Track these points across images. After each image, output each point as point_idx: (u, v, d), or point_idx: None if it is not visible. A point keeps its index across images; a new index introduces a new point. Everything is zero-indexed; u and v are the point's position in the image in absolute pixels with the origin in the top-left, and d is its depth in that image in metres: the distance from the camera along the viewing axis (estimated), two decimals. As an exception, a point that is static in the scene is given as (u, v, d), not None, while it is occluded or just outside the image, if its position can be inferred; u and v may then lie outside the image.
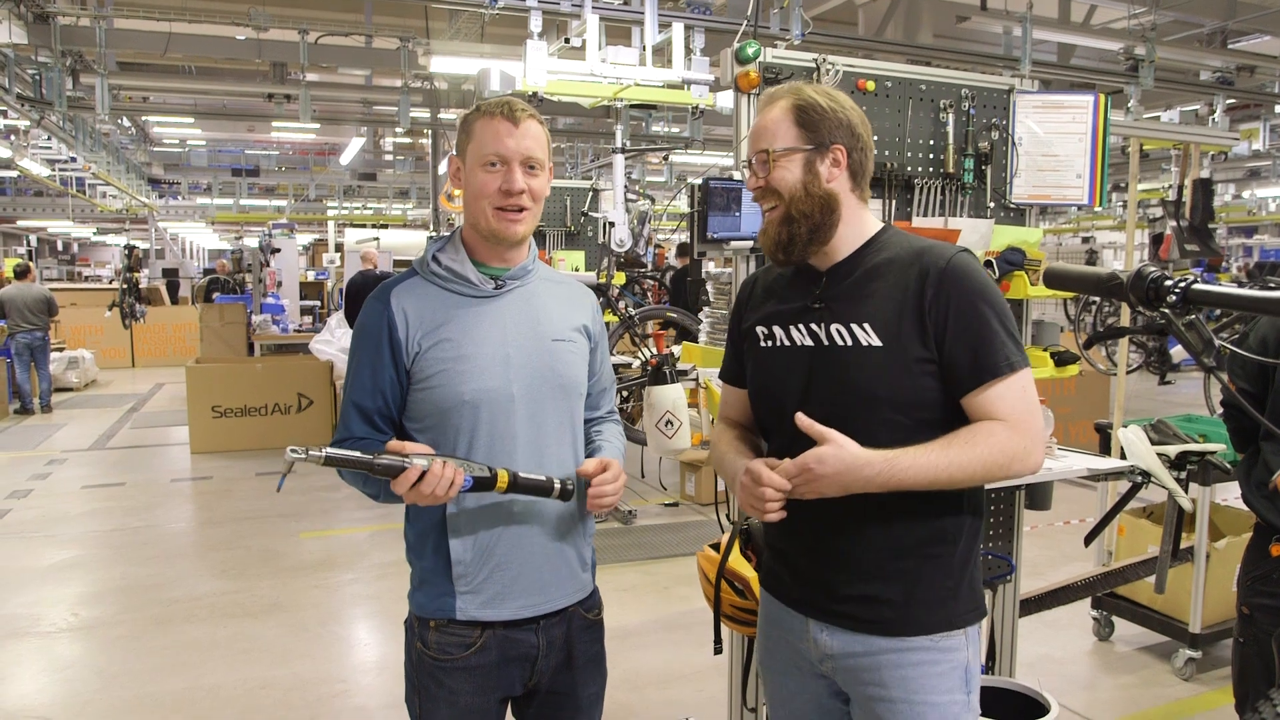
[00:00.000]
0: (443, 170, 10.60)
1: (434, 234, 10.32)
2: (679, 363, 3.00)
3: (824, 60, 2.48)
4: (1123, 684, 3.75)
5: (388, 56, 8.86)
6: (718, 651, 2.00)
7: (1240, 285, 6.85)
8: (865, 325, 1.52)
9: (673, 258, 10.93)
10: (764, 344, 1.66)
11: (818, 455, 1.44)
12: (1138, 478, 2.85)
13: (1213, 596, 3.69)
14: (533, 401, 1.67)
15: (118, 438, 9.01)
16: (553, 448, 1.69)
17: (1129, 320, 4.93)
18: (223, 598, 4.70)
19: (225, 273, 15.80)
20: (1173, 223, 5.62)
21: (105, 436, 9.05)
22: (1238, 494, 2.50)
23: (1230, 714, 2.59)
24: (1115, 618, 4.11)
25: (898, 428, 1.49)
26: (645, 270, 10.04)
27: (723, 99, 6.12)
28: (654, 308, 6.83)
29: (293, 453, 1.41)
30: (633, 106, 6.13)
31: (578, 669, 1.75)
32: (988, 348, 1.48)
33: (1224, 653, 3.77)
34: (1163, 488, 2.90)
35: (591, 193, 6.68)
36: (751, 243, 2.42)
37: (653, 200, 7.91)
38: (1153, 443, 2.98)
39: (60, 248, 34.97)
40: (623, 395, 5.55)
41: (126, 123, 15.13)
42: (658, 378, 2.37)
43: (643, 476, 6.62)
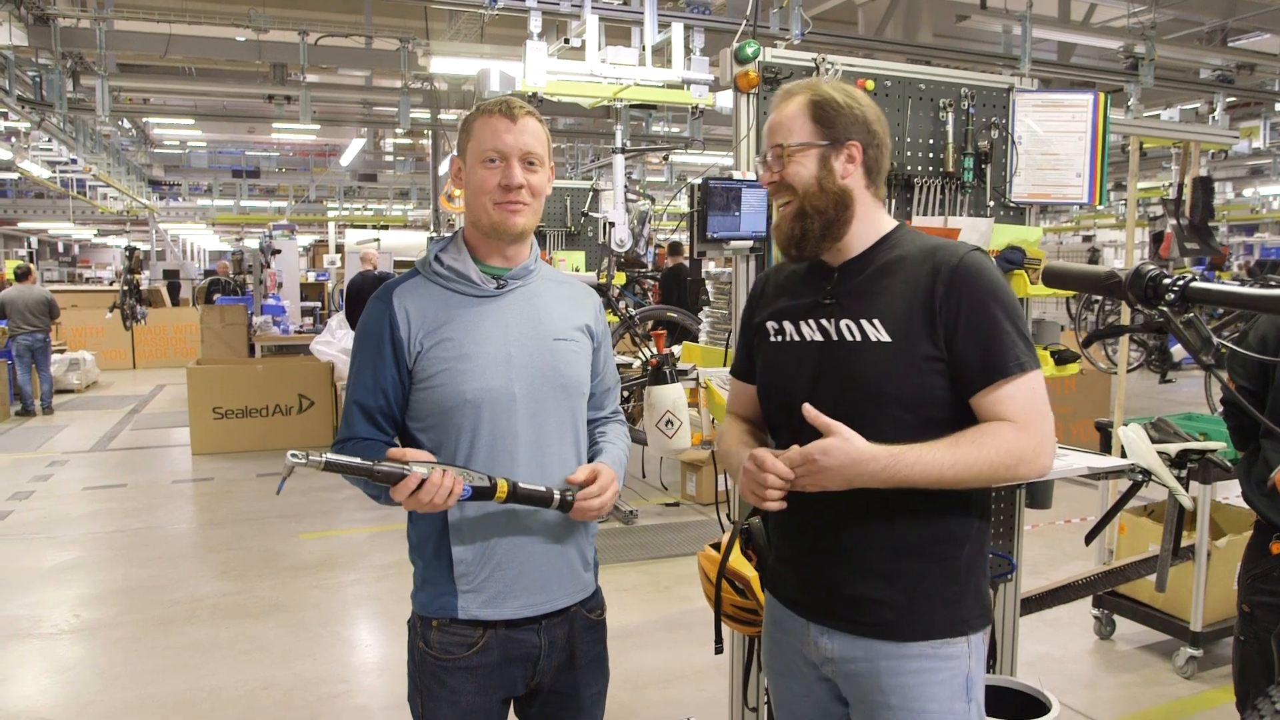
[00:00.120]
0: (443, 171, 10.60)
1: (434, 235, 10.32)
2: (679, 362, 3.00)
3: (823, 60, 2.47)
4: (1124, 682, 3.75)
5: (388, 57, 8.87)
6: (718, 651, 2.00)
7: (1242, 283, 6.85)
8: (875, 321, 1.51)
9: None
10: (774, 339, 1.65)
11: (823, 446, 1.43)
12: (1138, 476, 2.84)
13: (1214, 595, 3.69)
14: (534, 401, 1.67)
15: (119, 439, 9.02)
16: (554, 447, 1.69)
17: (1129, 318, 4.93)
18: (224, 599, 4.71)
19: (226, 274, 15.80)
20: (1173, 221, 5.61)
21: (106, 438, 9.06)
22: (1238, 492, 2.50)
23: (1231, 712, 2.60)
24: (1116, 616, 4.11)
25: (905, 425, 1.48)
26: (645, 270, 10.02)
27: (722, 99, 6.11)
28: (655, 307, 6.82)
29: (294, 457, 1.42)
30: (633, 106, 6.12)
31: (580, 669, 1.75)
32: (998, 347, 1.46)
33: (1225, 651, 3.77)
34: (1163, 486, 2.89)
35: (592, 193, 6.67)
36: (751, 242, 2.41)
37: (653, 200, 7.90)
38: (1153, 441, 2.97)
39: (61, 249, 35.02)
40: (623, 395, 5.54)
41: (127, 124, 15.15)
42: (658, 377, 2.36)
43: (644, 476, 6.62)
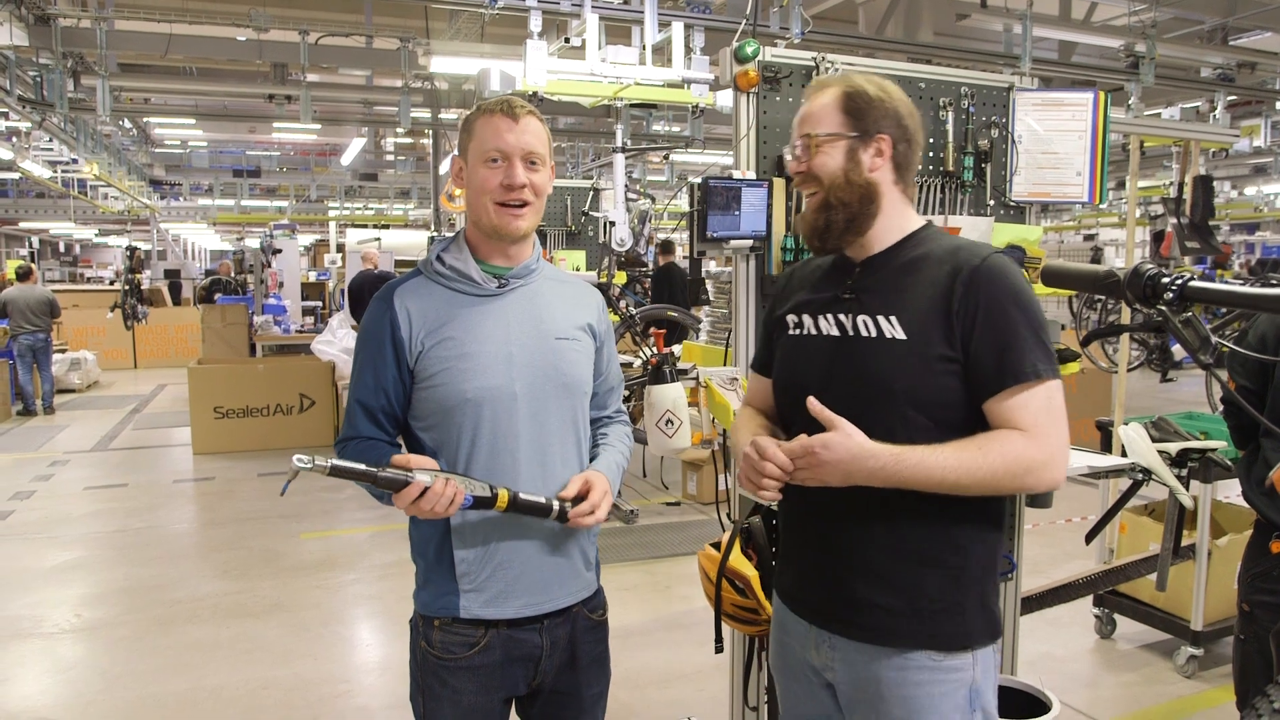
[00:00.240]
0: (444, 170, 10.59)
1: (435, 234, 10.32)
2: (679, 362, 3.00)
3: (823, 59, 2.47)
4: (1125, 681, 3.75)
5: (388, 57, 8.86)
6: (719, 650, 2.00)
7: (1244, 282, 6.84)
8: (892, 318, 1.49)
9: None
10: (792, 331, 1.64)
11: (824, 440, 1.41)
12: (1139, 475, 2.85)
13: (1214, 594, 3.69)
14: (535, 400, 1.67)
15: (120, 439, 9.02)
16: (556, 446, 1.69)
17: (1129, 318, 4.93)
18: (225, 598, 4.71)
19: (227, 274, 15.81)
20: (1173, 220, 5.61)
21: (108, 438, 9.06)
22: (1239, 491, 2.49)
23: (1232, 711, 2.60)
24: (1117, 615, 4.11)
25: (917, 426, 1.46)
26: (646, 269, 10.02)
27: (722, 98, 6.11)
28: (655, 306, 6.82)
29: (299, 461, 1.42)
30: (633, 106, 6.11)
31: (581, 669, 1.76)
32: (1014, 351, 1.43)
33: (1226, 650, 3.77)
34: (1164, 485, 2.89)
35: (592, 192, 6.66)
36: (751, 241, 2.41)
37: (653, 199, 7.90)
38: (1154, 440, 2.97)
39: (62, 249, 35.05)
40: (624, 394, 5.54)
41: (128, 124, 15.15)
42: (658, 377, 2.36)
43: (644, 475, 6.62)
